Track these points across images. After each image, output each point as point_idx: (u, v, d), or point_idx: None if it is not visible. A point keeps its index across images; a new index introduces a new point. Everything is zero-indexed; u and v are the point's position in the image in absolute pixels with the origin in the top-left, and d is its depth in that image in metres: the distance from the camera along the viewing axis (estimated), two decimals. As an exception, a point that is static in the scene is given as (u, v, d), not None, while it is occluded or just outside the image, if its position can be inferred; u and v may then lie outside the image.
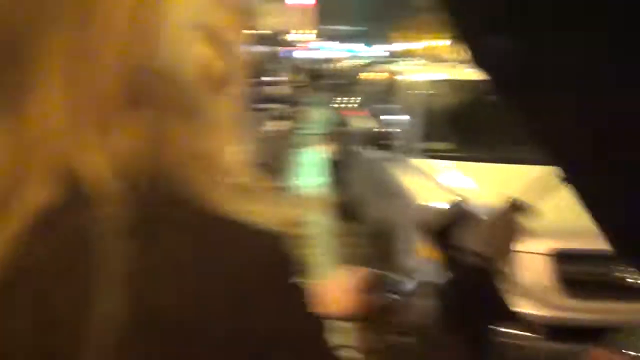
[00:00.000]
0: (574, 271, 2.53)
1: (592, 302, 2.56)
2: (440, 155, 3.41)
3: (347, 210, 5.02)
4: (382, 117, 4.33)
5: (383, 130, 3.85)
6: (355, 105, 5.78)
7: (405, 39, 48.46)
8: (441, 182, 3.04)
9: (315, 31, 31.40)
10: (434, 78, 4.31)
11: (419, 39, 44.04)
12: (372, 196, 3.92)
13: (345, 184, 5.30)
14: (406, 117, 3.75)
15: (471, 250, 0.72)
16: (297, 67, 18.88)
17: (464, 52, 0.56)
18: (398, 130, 3.72)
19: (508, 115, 0.57)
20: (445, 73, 4.77)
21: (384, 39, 54.87)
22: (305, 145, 6.64)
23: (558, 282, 2.51)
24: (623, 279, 2.55)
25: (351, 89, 6.48)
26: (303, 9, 14.98)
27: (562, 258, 2.52)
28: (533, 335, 2.48)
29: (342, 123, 5.89)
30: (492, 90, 0.55)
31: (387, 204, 3.40)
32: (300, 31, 16.25)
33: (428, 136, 3.58)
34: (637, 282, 2.55)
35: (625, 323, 2.05)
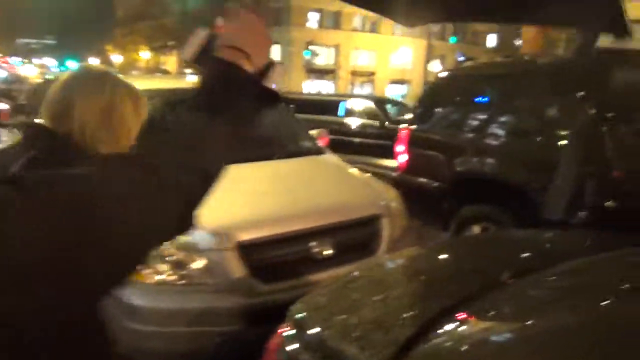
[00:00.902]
0: (262, 258, 2.67)
1: (285, 281, 2.70)
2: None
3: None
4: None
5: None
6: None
7: (111, 51, 46.12)
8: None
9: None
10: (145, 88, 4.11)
11: (125, 50, 42.39)
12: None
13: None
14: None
15: (225, 46, 0.82)
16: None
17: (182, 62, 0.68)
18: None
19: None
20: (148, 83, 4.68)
21: (86, 51, 51.18)
22: None
23: (249, 271, 2.60)
24: (315, 253, 2.80)
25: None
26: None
27: (249, 248, 2.63)
28: (233, 326, 2.55)
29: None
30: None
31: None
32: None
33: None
34: (324, 254, 2.84)
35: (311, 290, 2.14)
